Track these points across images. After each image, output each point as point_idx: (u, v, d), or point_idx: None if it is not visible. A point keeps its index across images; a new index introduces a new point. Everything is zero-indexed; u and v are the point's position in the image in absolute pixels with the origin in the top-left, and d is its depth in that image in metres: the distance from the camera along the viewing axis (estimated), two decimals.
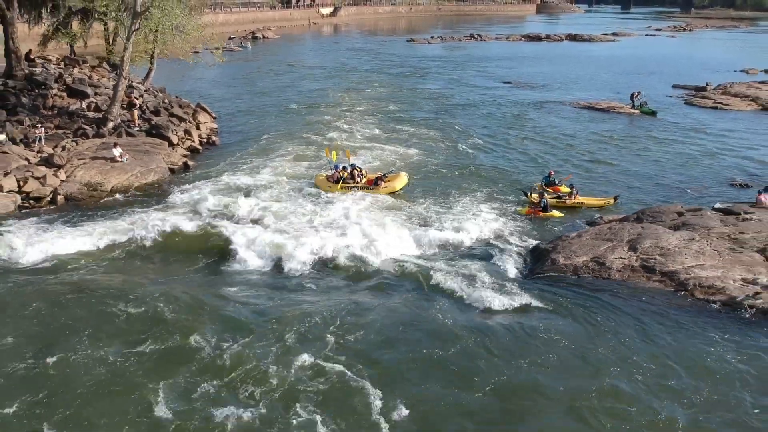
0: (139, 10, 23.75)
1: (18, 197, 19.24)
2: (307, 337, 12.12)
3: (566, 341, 11.93)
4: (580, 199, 19.54)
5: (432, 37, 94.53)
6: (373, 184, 21.11)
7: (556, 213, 19.08)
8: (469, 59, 65.70)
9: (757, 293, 12.89)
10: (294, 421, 9.83)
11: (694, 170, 25.07)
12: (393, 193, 20.89)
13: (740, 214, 17.01)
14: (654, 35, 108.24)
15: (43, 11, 32.91)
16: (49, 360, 11.29)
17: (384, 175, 21.68)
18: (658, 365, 11.12)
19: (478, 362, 11.30)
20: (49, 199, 19.52)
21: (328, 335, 12.15)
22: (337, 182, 21.29)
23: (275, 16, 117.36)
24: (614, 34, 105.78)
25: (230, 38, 79.40)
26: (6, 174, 19.75)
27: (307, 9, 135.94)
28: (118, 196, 20.23)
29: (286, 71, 56.69)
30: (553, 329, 12.34)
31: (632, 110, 36.05)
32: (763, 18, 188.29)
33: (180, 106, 29.78)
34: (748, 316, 12.46)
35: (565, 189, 20.01)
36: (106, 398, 10.38)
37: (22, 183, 19.60)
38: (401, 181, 21.49)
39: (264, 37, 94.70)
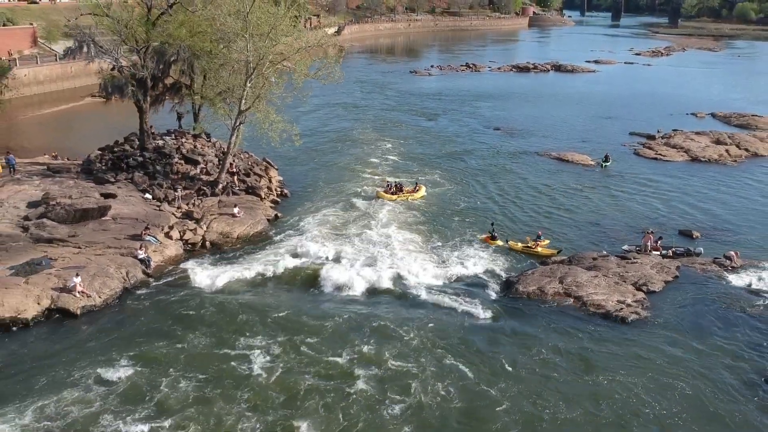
0: (242, 109, 34.83)
1: (181, 243, 30.20)
2: (377, 335, 23.23)
3: (515, 337, 23.19)
4: (539, 249, 30.62)
5: (432, 66, 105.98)
6: (411, 193, 37.34)
7: (500, 242, 31.02)
8: (465, 97, 76.73)
9: (621, 309, 24.15)
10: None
11: (621, 217, 36.15)
12: (420, 198, 37.78)
13: (630, 259, 28.30)
14: (632, 62, 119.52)
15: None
16: (231, 352, 22.34)
17: (414, 187, 37.86)
18: (561, 344, 22.34)
19: (471, 349, 22.46)
20: (200, 244, 30.46)
21: (383, 332, 23.28)
22: (393, 194, 36.82)
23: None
24: (596, 62, 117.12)
25: None
26: (171, 227, 30.80)
27: (313, 30, 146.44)
28: (242, 242, 31.19)
29: (311, 110, 67.12)
30: (511, 330, 23.63)
31: (590, 162, 47.25)
32: (744, 34, 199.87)
33: (256, 164, 40.82)
34: (613, 321, 23.81)
35: (532, 242, 31.04)
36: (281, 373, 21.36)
37: (182, 233, 30.64)
38: (423, 190, 38.37)
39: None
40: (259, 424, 18.27)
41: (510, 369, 21.09)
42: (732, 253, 29.17)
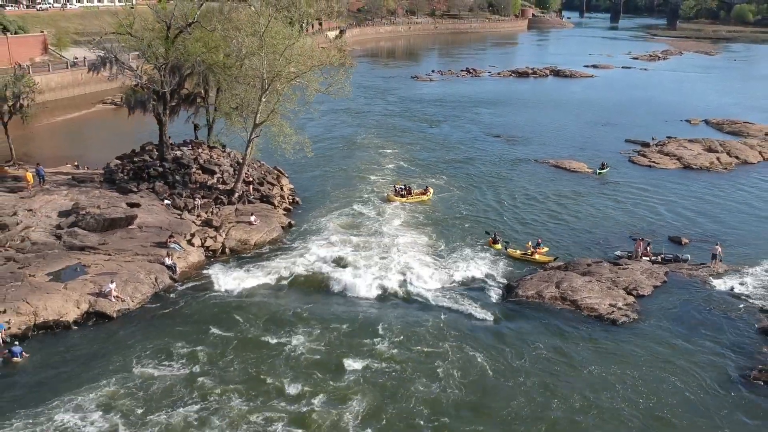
0: (257, 122, 36.90)
1: (203, 250, 32.26)
2: (384, 336, 25.33)
3: (516, 337, 25.28)
4: (536, 256, 32.69)
5: (433, 71, 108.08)
6: (420, 195, 40.35)
7: (498, 246, 33.23)
8: (466, 103, 78.85)
9: (613, 312, 26.27)
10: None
11: (614, 224, 38.26)
12: (427, 200, 40.96)
13: (622, 264, 30.40)
14: (630, 67, 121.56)
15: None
16: (261, 340, 24.45)
17: (424, 190, 41.15)
18: (558, 345, 24.45)
19: (476, 349, 24.56)
20: (220, 251, 32.51)
21: (389, 333, 25.36)
22: (402, 197, 39.90)
23: None
24: (594, 66, 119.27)
25: None
26: (192, 235, 32.87)
27: (315, 35, 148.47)
28: (259, 248, 33.24)
29: (316, 116, 68.79)
30: (513, 329, 25.72)
31: (587, 169, 49.33)
32: (742, 36, 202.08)
33: (268, 173, 42.88)
34: (606, 323, 25.94)
35: (531, 249, 33.09)
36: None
37: (203, 241, 32.70)
38: (430, 193, 41.43)
39: None
40: (295, 406, 20.67)
41: (512, 365, 23.24)
42: (718, 248, 31.42)
